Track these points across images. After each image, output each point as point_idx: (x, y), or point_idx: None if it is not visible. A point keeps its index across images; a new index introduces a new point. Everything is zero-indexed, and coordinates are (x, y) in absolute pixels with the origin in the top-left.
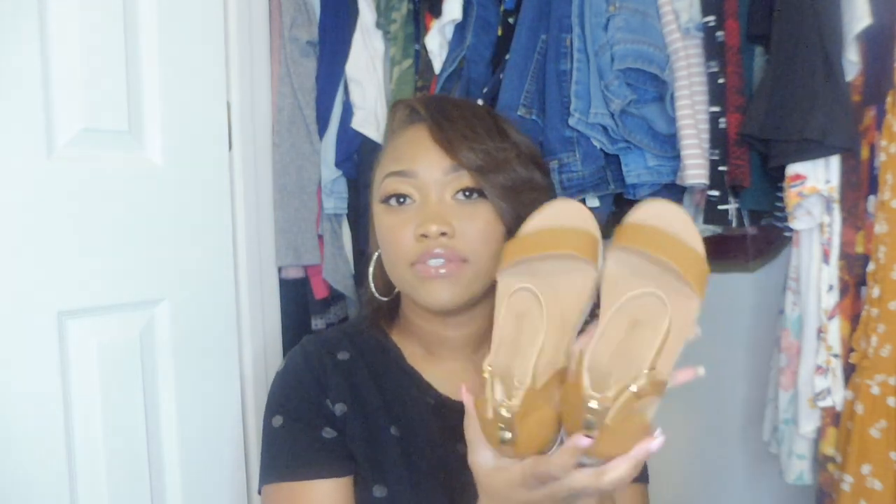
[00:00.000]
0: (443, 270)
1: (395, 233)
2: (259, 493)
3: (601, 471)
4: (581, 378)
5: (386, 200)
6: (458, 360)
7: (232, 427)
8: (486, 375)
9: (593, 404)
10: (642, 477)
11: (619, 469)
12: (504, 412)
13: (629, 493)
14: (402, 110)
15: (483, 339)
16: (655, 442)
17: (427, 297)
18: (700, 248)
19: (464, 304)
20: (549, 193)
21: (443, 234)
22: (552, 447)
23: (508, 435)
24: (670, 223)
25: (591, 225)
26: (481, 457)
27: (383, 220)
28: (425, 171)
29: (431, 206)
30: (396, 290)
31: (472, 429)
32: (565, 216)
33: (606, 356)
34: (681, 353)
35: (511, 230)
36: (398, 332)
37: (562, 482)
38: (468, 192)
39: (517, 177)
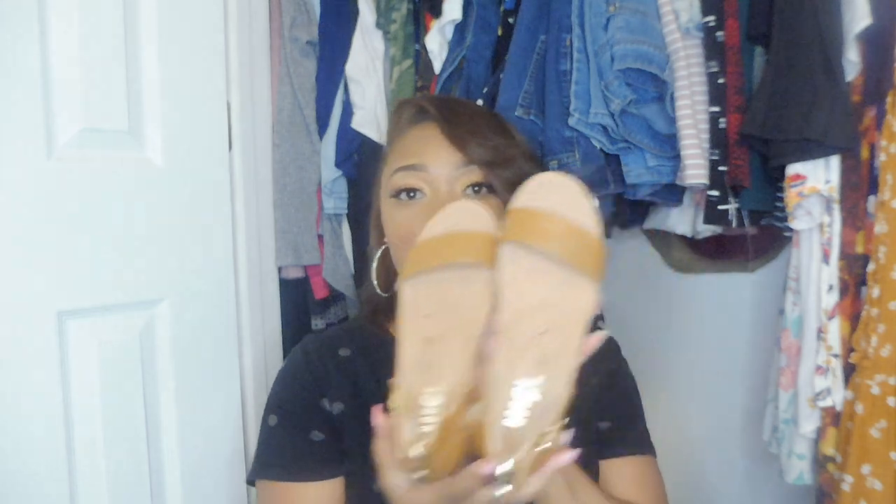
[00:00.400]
0: None
1: (406, 226)
2: (248, 482)
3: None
4: (491, 442)
5: (396, 195)
6: None
7: (232, 427)
8: (394, 410)
9: (507, 467)
10: (643, 448)
11: (531, 485)
12: (419, 452)
13: (629, 466)
14: (409, 109)
15: None
16: (566, 457)
17: None
18: (592, 224)
19: None
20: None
21: None
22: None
23: (424, 472)
24: (559, 202)
25: (488, 224)
26: (393, 480)
27: (394, 214)
28: (436, 166)
29: (442, 200)
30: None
31: (383, 451)
32: (462, 218)
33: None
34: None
35: None
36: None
37: (474, 499)
38: (477, 187)
39: (523, 173)
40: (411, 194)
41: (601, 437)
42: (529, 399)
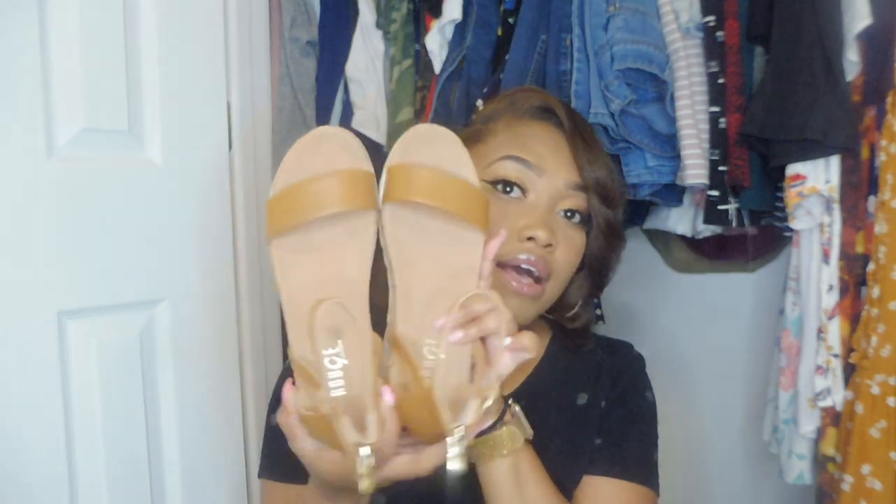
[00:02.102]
0: (527, 288)
1: (493, 222)
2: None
3: (418, 459)
4: (438, 413)
5: (495, 182)
6: None
7: (232, 427)
8: (328, 412)
9: (458, 435)
10: (631, 474)
11: (436, 455)
12: (365, 457)
13: (608, 487)
14: (534, 99)
15: None
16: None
17: None
18: (471, 173)
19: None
20: (625, 244)
21: (548, 244)
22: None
23: (367, 475)
24: (436, 155)
25: (361, 157)
26: (301, 445)
27: None
28: (552, 176)
29: (543, 212)
30: None
31: (288, 423)
32: (330, 153)
33: (452, 376)
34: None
35: (584, 266)
36: None
37: (383, 470)
38: (571, 213)
39: (619, 220)
40: (508, 189)
41: (592, 452)
42: (457, 356)
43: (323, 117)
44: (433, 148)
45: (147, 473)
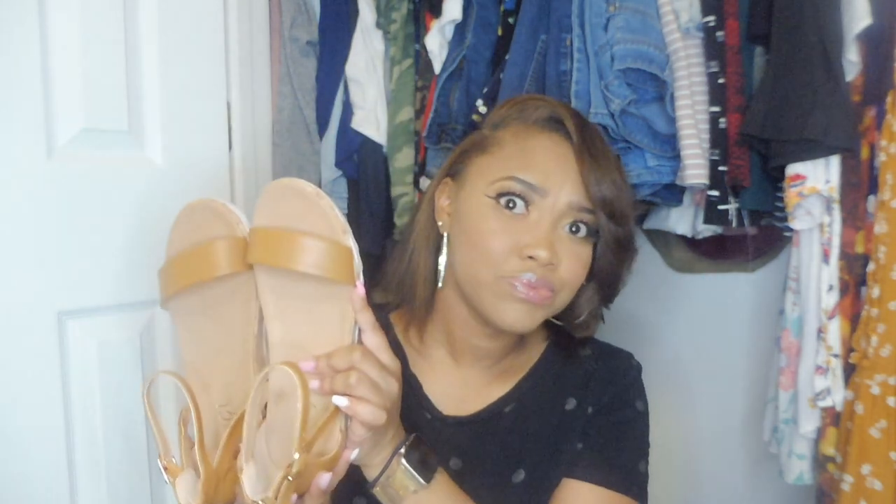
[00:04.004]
0: (534, 294)
1: (494, 237)
2: None
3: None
4: (242, 480)
5: (497, 196)
6: (475, 367)
7: None
8: (166, 478)
9: (258, 502)
10: (610, 482)
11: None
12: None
13: (582, 491)
14: (544, 109)
15: (507, 350)
16: (324, 480)
17: (500, 313)
18: (331, 229)
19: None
20: (636, 255)
21: (549, 263)
22: None
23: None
24: (295, 214)
25: (233, 225)
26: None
27: (488, 216)
28: (556, 195)
29: (545, 231)
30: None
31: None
32: (205, 223)
33: (264, 441)
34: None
35: (593, 278)
36: (405, 334)
37: None
38: (578, 228)
39: (628, 234)
40: (512, 204)
41: (573, 456)
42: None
43: (323, 117)
44: (289, 205)
45: (147, 473)
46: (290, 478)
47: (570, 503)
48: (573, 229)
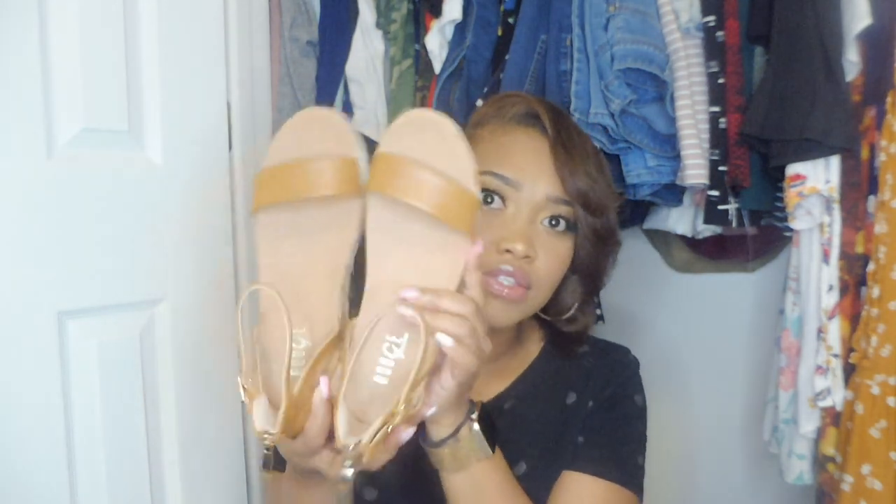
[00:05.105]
0: (508, 292)
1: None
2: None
3: (336, 462)
4: (336, 423)
5: None
6: None
7: (232, 427)
8: (244, 398)
9: (349, 447)
10: (611, 473)
11: (377, 461)
12: (268, 440)
13: (584, 483)
14: (520, 105)
15: (503, 349)
16: (407, 433)
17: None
18: (463, 172)
19: (512, 326)
20: (619, 247)
21: (526, 256)
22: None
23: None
24: (429, 147)
25: (349, 144)
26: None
27: None
28: (531, 188)
29: (522, 224)
30: None
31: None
32: (321, 137)
33: (364, 385)
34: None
35: (575, 271)
36: None
37: (311, 460)
38: (556, 221)
39: (609, 225)
40: (489, 200)
41: (574, 449)
42: (390, 358)
43: None
44: (424, 138)
45: (147, 473)
46: (389, 427)
47: (571, 495)
48: (552, 223)
